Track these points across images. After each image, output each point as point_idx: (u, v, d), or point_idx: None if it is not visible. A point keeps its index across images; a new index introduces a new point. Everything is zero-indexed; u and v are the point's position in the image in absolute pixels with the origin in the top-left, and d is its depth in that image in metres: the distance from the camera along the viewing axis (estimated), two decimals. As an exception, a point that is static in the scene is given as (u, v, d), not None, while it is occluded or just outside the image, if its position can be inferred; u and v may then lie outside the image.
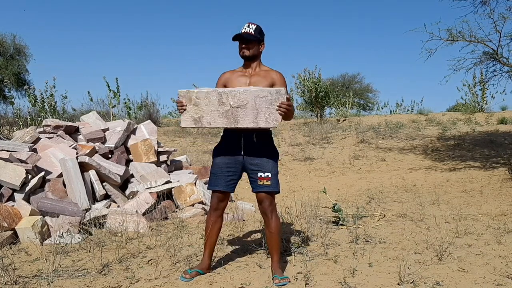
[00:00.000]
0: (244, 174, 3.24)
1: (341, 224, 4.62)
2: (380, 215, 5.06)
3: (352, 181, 7.98)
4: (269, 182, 3.08)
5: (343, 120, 16.51)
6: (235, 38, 3.18)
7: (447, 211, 5.25)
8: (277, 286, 2.97)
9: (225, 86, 3.21)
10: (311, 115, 17.70)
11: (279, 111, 2.88)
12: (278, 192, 3.13)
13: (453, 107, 21.21)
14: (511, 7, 8.05)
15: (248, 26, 3.20)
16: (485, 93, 18.49)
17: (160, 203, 5.09)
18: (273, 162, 3.13)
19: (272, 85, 3.13)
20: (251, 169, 3.11)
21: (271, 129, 3.15)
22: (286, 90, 3.02)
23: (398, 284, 2.97)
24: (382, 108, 25.03)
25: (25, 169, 4.66)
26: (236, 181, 3.21)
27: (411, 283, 2.98)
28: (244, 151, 3.11)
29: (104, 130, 6.17)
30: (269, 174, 3.08)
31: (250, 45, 3.18)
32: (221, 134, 3.26)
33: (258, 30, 3.22)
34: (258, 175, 3.08)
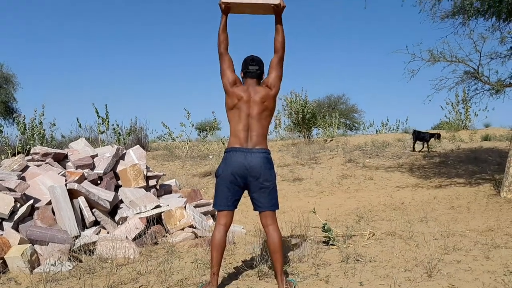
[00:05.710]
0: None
1: (332, 244, 4.65)
2: (370, 233, 5.10)
3: (341, 200, 8.03)
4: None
5: (330, 140, 16.67)
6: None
7: (435, 228, 5.31)
8: None
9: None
10: (299, 136, 17.83)
11: None
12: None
13: (438, 125, 21.56)
14: (490, 28, 8.29)
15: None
16: (468, 111, 18.84)
17: (150, 228, 5.07)
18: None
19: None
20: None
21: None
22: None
23: (389, 302, 3.00)
24: (368, 128, 25.38)
25: (14, 198, 4.64)
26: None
27: (401, 300, 3.01)
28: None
29: (93, 157, 6.18)
30: None
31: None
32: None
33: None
34: None
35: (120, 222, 5.25)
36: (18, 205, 4.72)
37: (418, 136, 12.70)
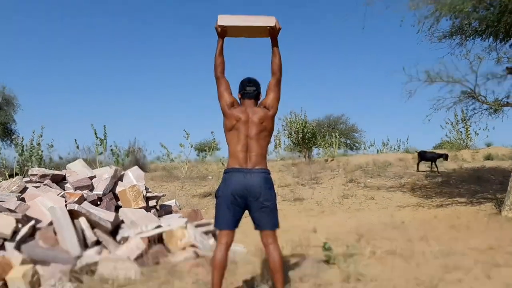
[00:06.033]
0: None
1: (333, 263, 4.64)
2: (371, 252, 5.09)
3: (342, 220, 8.02)
4: None
5: (331, 160, 16.68)
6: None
7: (436, 247, 5.29)
8: None
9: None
10: (299, 156, 17.87)
11: None
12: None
13: (439, 145, 21.60)
14: (486, 48, 8.39)
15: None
16: (469, 131, 18.91)
17: (151, 248, 5.06)
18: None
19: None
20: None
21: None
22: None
23: (390, 321, 2.99)
24: (369, 148, 25.43)
25: (15, 218, 4.65)
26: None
27: (403, 319, 3.00)
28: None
29: (91, 178, 6.18)
30: None
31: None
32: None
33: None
34: None
35: (122, 242, 5.25)
36: (20, 225, 4.72)
37: (424, 156, 12.71)
